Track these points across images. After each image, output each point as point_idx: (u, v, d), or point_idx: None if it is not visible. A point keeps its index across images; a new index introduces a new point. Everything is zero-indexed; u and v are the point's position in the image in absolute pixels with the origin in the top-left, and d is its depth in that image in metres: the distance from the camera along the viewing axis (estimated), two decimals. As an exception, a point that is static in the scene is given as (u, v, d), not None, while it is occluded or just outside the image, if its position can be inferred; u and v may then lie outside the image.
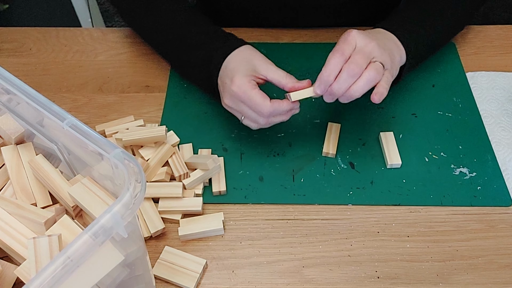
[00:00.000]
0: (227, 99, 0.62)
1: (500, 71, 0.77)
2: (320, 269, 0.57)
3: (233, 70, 0.61)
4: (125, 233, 0.39)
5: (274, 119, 0.61)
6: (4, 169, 0.56)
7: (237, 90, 0.59)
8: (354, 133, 0.70)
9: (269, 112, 0.59)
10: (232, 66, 0.62)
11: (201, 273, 0.56)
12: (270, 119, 0.60)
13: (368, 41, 0.58)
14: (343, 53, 0.57)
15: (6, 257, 0.50)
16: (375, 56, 0.58)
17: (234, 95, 0.60)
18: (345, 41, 0.58)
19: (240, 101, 0.60)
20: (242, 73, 0.60)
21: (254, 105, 0.59)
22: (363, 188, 0.64)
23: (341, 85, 0.56)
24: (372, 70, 0.56)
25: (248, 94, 0.58)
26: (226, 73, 0.62)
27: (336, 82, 0.56)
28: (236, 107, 0.61)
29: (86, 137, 0.43)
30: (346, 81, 0.56)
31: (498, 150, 0.67)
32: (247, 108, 0.60)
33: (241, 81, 0.59)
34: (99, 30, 0.87)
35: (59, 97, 0.76)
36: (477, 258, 0.58)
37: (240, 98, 0.59)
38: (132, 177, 0.40)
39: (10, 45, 0.84)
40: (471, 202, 0.63)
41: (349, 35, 0.58)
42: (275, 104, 0.59)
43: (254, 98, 0.58)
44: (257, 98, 0.58)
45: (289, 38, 0.84)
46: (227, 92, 0.61)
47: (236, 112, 0.62)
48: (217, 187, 0.63)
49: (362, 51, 0.57)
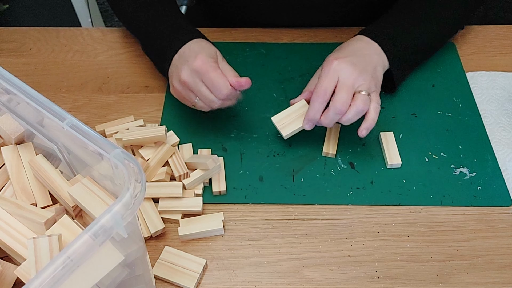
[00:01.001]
0: (185, 76, 0.61)
1: (500, 71, 0.77)
2: (320, 269, 0.57)
3: (198, 50, 0.62)
4: (125, 233, 0.39)
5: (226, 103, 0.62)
6: (4, 169, 0.56)
7: (202, 64, 0.60)
8: (354, 133, 0.70)
9: (227, 94, 0.60)
10: (197, 47, 0.63)
11: (201, 273, 0.56)
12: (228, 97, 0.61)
13: (351, 71, 0.60)
14: (326, 92, 0.60)
15: (6, 257, 0.50)
16: (359, 84, 0.60)
17: (196, 69, 0.60)
18: (326, 76, 0.60)
19: (200, 80, 0.60)
20: (206, 53, 0.62)
21: (215, 84, 0.59)
22: (363, 188, 0.64)
23: (329, 121, 0.61)
24: (359, 103, 0.59)
25: (212, 70, 0.59)
26: (190, 51, 0.63)
27: (324, 119, 0.61)
28: (193, 85, 0.61)
29: (86, 137, 0.43)
30: (333, 117, 0.61)
31: (498, 150, 0.67)
32: (204, 88, 0.61)
33: (206, 59, 0.60)
34: (99, 30, 0.87)
35: (59, 97, 0.76)
36: (477, 258, 0.58)
37: (202, 74, 0.60)
38: (132, 177, 0.40)
39: (10, 45, 0.84)
40: (471, 202, 0.63)
41: (331, 67, 0.61)
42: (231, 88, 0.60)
43: (217, 77, 0.59)
44: (218, 77, 0.59)
45: (289, 38, 0.84)
46: (188, 67, 0.61)
47: (189, 93, 0.63)
48: (217, 187, 0.63)
49: (345, 84, 0.60)
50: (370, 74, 0.62)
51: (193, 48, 0.64)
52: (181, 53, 0.64)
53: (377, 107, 0.61)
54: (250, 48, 0.82)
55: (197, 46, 0.64)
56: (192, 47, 0.64)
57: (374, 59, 0.65)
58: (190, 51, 0.63)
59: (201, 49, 0.63)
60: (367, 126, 0.61)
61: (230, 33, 0.85)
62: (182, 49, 0.64)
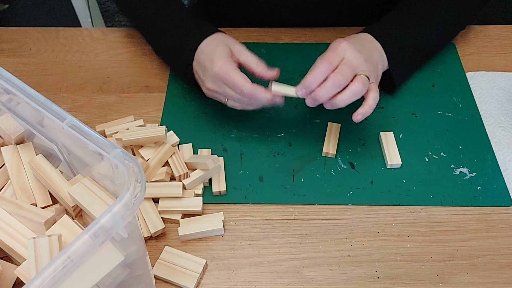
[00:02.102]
0: (209, 83, 0.63)
1: (500, 71, 0.77)
2: (320, 269, 0.57)
3: (212, 53, 0.62)
4: (125, 233, 0.39)
5: (257, 102, 0.62)
6: (4, 169, 0.56)
7: (219, 70, 0.60)
8: (354, 133, 0.70)
9: (249, 94, 0.60)
10: (209, 50, 0.63)
11: (201, 273, 0.56)
12: (252, 100, 0.62)
13: (357, 55, 0.59)
14: (331, 62, 0.58)
15: (6, 257, 0.50)
16: (362, 70, 0.59)
17: (216, 76, 0.61)
18: (334, 51, 0.60)
19: (223, 83, 0.61)
20: (221, 55, 0.61)
21: (236, 86, 0.60)
22: (363, 188, 0.64)
23: (324, 93, 0.58)
24: (358, 83, 0.58)
25: (230, 74, 0.60)
26: (204, 57, 0.63)
27: (320, 89, 0.58)
28: (219, 89, 0.62)
29: (86, 137, 0.43)
30: (330, 89, 0.58)
31: (498, 150, 0.67)
32: (229, 89, 0.61)
33: (222, 62, 0.60)
34: (99, 30, 0.87)
35: (59, 97, 0.76)
36: (477, 258, 0.58)
37: (222, 79, 0.61)
38: (132, 177, 0.40)
39: (10, 45, 0.84)
40: (471, 202, 0.63)
41: (339, 45, 0.60)
42: (256, 86, 0.60)
43: (236, 79, 0.60)
44: (238, 78, 0.60)
45: (289, 38, 0.84)
46: (209, 75, 0.62)
47: (219, 95, 0.64)
48: (217, 187, 0.63)
49: (349, 63, 0.59)
50: (373, 66, 0.62)
51: (206, 52, 0.63)
52: (198, 60, 0.65)
53: (376, 97, 0.61)
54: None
55: (209, 47, 0.64)
56: (206, 51, 0.64)
57: (375, 56, 0.65)
58: (204, 56, 0.63)
59: (213, 51, 0.62)
60: (363, 112, 0.60)
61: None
62: (197, 55, 0.65)
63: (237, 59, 0.63)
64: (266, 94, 0.60)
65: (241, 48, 0.64)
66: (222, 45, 0.64)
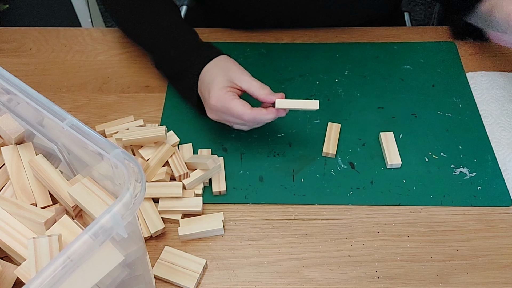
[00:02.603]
0: (210, 114, 0.64)
1: (500, 71, 0.77)
2: (320, 269, 0.57)
3: (210, 84, 0.62)
4: (125, 233, 0.39)
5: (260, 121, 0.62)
6: (4, 169, 0.56)
7: (216, 103, 0.61)
8: (354, 133, 0.70)
9: (251, 120, 0.60)
10: (208, 80, 0.63)
11: (201, 273, 0.56)
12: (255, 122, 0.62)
13: None
14: None
15: (6, 257, 0.50)
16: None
17: (214, 108, 0.61)
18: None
19: (222, 113, 0.61)
20: (218, 86, 0.61)
21: (235, 115, 0.60)
22: (363, 188, 0.64)
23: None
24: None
25: (227, 106, 0.60)
26: (204, 87, 0.63)
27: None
28: (221, 119, 0.63)
29: (86, 137, 0.43)
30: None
31: (498, 150, 0.67)
32: (231, 117, 0.62)
33: (218, 94, 0.60)
34: (99, 30, 0.87)
35: (59, 97, 0.76)
36: (477, 258, 0.58)
37: (220, 110, 0.61)
38: (132, 177, 0.40)
39: (10, 45, 0.84)
40: (471, 202, 0.63)
41: None
42: (256, 111, 0.60)
43: (233, 109, 0.60)
44: (236, 108, 0.60)
45: (289, 38, 0.84)
46: (208, 107, 0.63)
47: (224, 121, 0.64)
48: (217, 187, 0.63)
49: None
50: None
51: (205, 81, 0.63)
52: (199, 88, 0.65)
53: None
54: (250, 48, 0.82)
55: (208, 76, 0.63)
56: (204, 79, 0.63)
57: None
58: (203, 86, 0.63)
59: (211, 82, 0.62)
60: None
61: (230, 33, 0.85)
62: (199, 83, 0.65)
63: (239, 87, 0.62)
64: (269, 115, 0.60)
65: (242, 75, 0.62)
66: (220, 73, 0.62)
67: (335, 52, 0.81)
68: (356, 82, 0.77)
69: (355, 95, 0.75)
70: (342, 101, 0.74)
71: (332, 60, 0.80)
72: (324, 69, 0.78)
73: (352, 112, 0.73)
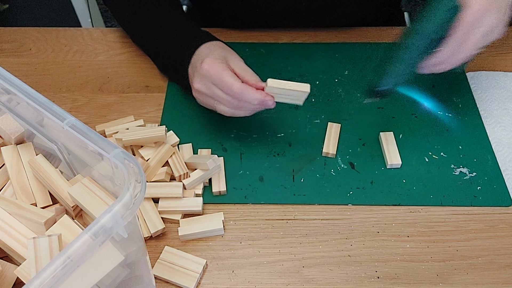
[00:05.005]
0: (197, 83, 0.61)
1: (500, 71, 0.77)
2: (320, 269, 0.57)
3: (206, 55, 0.61)
4: (125, 233, 0.39)
5: (247, 105, 0.59)
6: (4, 169, 0.56)
7: (208, 68, 0.58)
8: (354, 133, 0.70)
9: (239, 93, 0.57)
10: (205, 52, 0.62)
11: (201, 273, 0.56)
12: (241, 103, 0.59)
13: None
14: None
15: (6, 257, 0.50)
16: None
17: (205, 74, 0.59)
18: None
19: (211, 82, 0.59)
20: (214, 56, 0.60)
21: (225, 83, 0.58)
22: (363, 188, 0.64)
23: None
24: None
25: (220, 72, 0.58)
26: (197, 58, 0.62)
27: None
28: (207, 90, 0.60)
29: (86, 137, 0.43)
30: None
31: (498, 150, 0.67)
32: (217, 89, 0.59)
33: (213, 61, 0.59)
34: (99, 30, 0.87)
35: (59, 97, 0.76)
36: (477, 258, 0.58)
37: (211, 77, 0.59)
38: (132, 177, 0.40)
39: (10, 45, 0.84)
40: (471, 202, 0.63)
41: None
42: (246, 85, 0.58)
43: (225, 77, 0.57)
44: (227, 77, 0.58)
45: (289, 38, 0.84)
46: (198, 74, 0.60)
47: (207, 98, 0.62)
48: (217, 187, 0.63)
49: None
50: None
51: (200, 53, 0.63)
52: (192, 63, 0.64)
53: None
54: (250, 48, 0.82)
55: (205, 49, 0.63)
56: (200, 53, 0.63)
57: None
58: (197, 57, 0.63)
59: (208, 53, 0.62)
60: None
61: (229, 33, 0.85)
62: (193, 58, 0.64)
63: (232, 69, 0.60)
64: (256, 94, 0.58)
65: (237, 59, 0.61)
66: (217, 49, 0.62)
67: (335, 52, 0.81)
68: (356, 82, 0.77)
69: (355, 95, 0.75)
70: (342, 101, 0.74)
71: (332, 60, 0.80)
72: (324, 69, 0.78)
73: (352, 112, 0.73)
